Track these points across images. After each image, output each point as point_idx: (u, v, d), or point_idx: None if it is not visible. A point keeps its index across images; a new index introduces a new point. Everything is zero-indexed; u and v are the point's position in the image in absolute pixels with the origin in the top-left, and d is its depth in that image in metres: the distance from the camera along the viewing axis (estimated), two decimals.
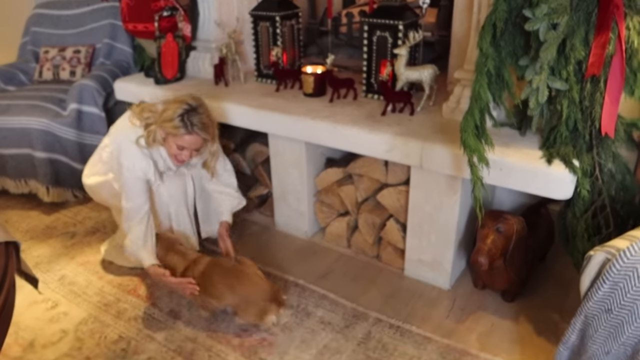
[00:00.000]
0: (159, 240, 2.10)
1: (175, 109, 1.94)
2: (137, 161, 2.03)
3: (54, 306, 2.12)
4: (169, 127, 1.95)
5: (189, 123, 1.94)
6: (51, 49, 3.33)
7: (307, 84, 2.42)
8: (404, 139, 1.96)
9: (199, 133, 1.97)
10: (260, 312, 1.90)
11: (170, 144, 2.01)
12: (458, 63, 2.25)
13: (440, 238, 2.08)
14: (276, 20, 2.49)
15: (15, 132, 2.76)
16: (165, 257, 2.06)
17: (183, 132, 1.95)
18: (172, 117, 1.94)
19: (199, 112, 1.97)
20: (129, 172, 2.03)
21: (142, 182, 2.07)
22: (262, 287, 1.92)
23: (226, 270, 1.98)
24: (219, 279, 1.95)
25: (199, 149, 2.05)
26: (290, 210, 2.54)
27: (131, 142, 2.02)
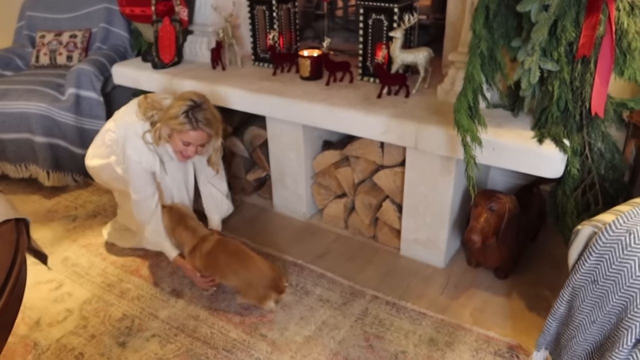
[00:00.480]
0: (169, 212, 2.13)
1: (180, 106, 1.98)
2: (143, 155, 2.08)
3: (58, 287, 2.17)
4: (174, 124, 1.98)
5: (194, 119, 1.97)
6: (47, 33, 3.34)
7: (304, 67, 2.45)
8: (399, 120, 2.00)
9: (204, 129, 2.00)
10: (260, 297, 1.96)
11: (175, 141, 2.04)
12: (452, 46, 2.28)
13: (435, 218, 2.14)
14: (272, 3, 2.51)
15: (14, 116, 2.79)
16: (174, 230, 2.10)
17: (188, 128, 1.98)
18: (177, 114, 1.97)
19: (204, 108, 2.00)
20: (135, 165, 2.08)
21: (148, 174, 2.11)
22: (264, 273, 1.97)
23: (232, 252, 2.01)
24: (225, 260, 1.99)
25: (204, 144, 2.08)
26: (288, 193, 2.59)
27: (138, 136, 2.06)
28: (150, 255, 2.34)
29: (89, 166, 2.31)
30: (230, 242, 2.10)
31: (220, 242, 2.06)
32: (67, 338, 1.90)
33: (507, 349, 1.79)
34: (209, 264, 2.01)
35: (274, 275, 1.99)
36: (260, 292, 1.96)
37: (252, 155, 2.71)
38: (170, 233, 2.10)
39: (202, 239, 2.06)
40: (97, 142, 2.30)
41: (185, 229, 2.09)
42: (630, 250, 1.22)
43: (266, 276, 1.97)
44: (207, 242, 2.05)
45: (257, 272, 1.97)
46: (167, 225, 2.12)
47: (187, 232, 2.09)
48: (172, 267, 2.25)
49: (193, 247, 2.05)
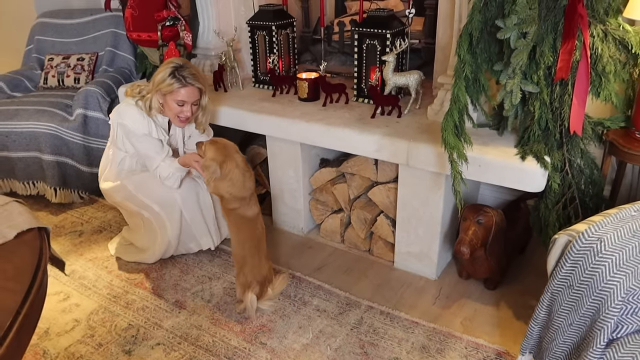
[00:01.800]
0: (215, 144, 2.05)
1: (164, 70, 2.15)
2: (137, 123, 2.21)
3: (65, 298, 2.26)
4: (164, 87, 2.13)
5: (181, 77, 2.13)
6: (55, 56, 3.48)
7: (302, 89, 2.58)
8: (392, 139, 2.12)
9: (194, 83, 2.16)
10: (245, 284, 2.07)
11: (169, 104, 2.18)
12: (442, 69, 2.42)
13: (427, 231, 2.24)
14: (272, 29, 2.65)
15: (24, 135, 2.91)
16: (223, 163, 1.99)
17: (178, 86, 2.13)
18: (164, 78, 2.13)
19: (187, 67, 2.17)
20: (135, 133, 2.20)
21: (151, 138, 2.24)
22: (261, 268, 2.08)
23: (256, 233, 2.09)
24: (249, 232, 2.07)
25: (197, 101, 2.23)
26: (287, 208, 2.70)
27: (129, 105, 2.22)
28: (155, 268, 2.44)
29: (102, 188, 2.44)
30: (262, 223, 2.14)
31: (259, 216, 2.10)
32: (75, 347, 1.99)
33: (495, 355, 1.89)
34: (237, 223, 2.07)
35: (267, 276, 2.11)
36: (248, 279, 2.07)
37: (253, 172, 2.82)
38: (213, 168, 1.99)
39: (249, 199, 2.06)
40: (103, 164, 2.43)
41: (236, 167, 2.01)
42: (601, 256, 1.33)
43: (261, 272, 2.09)
44: (250, 207, 2.06)
45: (257, 262, 2.08)
46: (214, 157, 2.00)
47: (239, 175, 2.02)
48: (175, 280, 2.35)
49: (239, 200, 2.03)
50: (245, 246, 2.06)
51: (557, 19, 1.79)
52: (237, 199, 2.02)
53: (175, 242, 2.42)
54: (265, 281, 2.13)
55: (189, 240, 2.47)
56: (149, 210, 2.34)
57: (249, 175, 2.06)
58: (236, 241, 2.11)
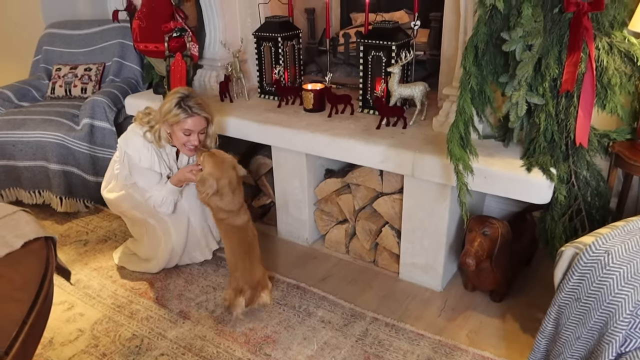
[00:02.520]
0: (212, 157, 2.07)
1: (170, 100, 2.17)
2: (142, 154, 2.23)
3: (69, 308, 2.26)
4: (171, 117, 2.15)
5: (186, 107, 2.15)
6: (63, 66, 3.51)
7: (308, 100, 2.59)
8: (397, 150, 2.12)
9: (200, 113, 2.17)
10: (236, 289, 2.08)
11: (177, 134, 2.20)
12: (447, 80, 2.43)
13: (432, 242, 2.24)
14: (278, 40, 2.67)
15: (31, 145, 2.93)
16: (219, 179, 2.01)
17: (184, 116, 2.14)
18: (170, 108, 2.15)
19: (193, 97, 2.19)
20: (136, 165, 2.23)
21: (151, 172, 2.26)
22: (253, 274, 2.09)
23: (247, 239, 2.10)
24: (240, 239, 2.09)
25: (204, 130, 2.24)
26: (292, 219, 2.70)
27: (137, 135, 2.24)
28: (159, 278, 2.44)
29: (107, 198, 2.45)
30: (253, 229, 2.15)
31: (249, 223, 2.11)
32: (79, 357, 1.98)
33: None
34: (226, 231, 2.09)
35: (260, 281, 2.12)
36: (239, 284, 2.08)
37: (258, 182, 2.83)
38: (210, 182, 2.01)
39: (237, 211, 2.07)
40: (108, 176, 2.45)
41: (228, 184, 2.03)
42: (609, 269, 1.32)
43: (252, 276, 2.10)
44: (240, 217, 2.07)
45: (249, 267, 2.09)
46: (211, 172, 2.02)
47: (229, 191, 2.04)
48: (179, 290, 2.35)
49: (227, 212, 2.05)
50: (236, 252, 2.09)
51: (563, 31, 1.80)
52: (224, 211, 2.05)
53: (180, 249, 2.42)
54: (258, 286, 2.13)
55: (193, 249, 2.47)
56: (156, 217, 2.35)
57: (238, 191, 2.09)
58: (227, 247, 2.15)
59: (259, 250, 2.16)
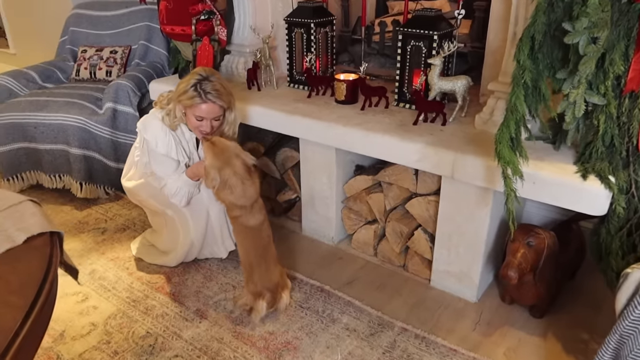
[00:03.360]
0: (212, 147, 1.90)
1: (188, 80, 2.02)
2: (159, 140, 2.10)
3: (84, 299, 2.17)
4: (185, 99, 2.01)
5: (202, 92, 1.99)
6: (89, 48, 3.43)
7: (340, 91, 2.43)
8: (435, 148, 1.96)
9: (214, 101, 2.01)
10: (256, 293, 1.96)
11: (189, 117, 2.07)
12: (492, 75, 2.24)
13: (469, 250, 2.07)
14: (311, 27, 2.51)
15: (52, 127, 2.85)
16: (221, 169, 1.86)
17: (198, 101, 2.00)
18: (186, 89, 2.00)
19: (212, 81, 2.02)
20: (152, 150, 2.10)
21: (168, 159, 2.12)
22: (271, 275, 1.97)
23: (261, 242, 1.97)
24: (255, 240, 1.96)
25: (218, 117, 2.09)
26: (318, 216, 2.56)
27: (156, 119, 2.11)
28: (177, 272, 2.33)
29: (126, 187, 2.34)
30: (268, 230, 2.01)
31: (264, 224, 1.97)
32: (90, 353, 1.89)
33: None
34: (240, 231, 1.96)
35: (278, 282, 1.99)
36: (257, 288, 1.96)
37: (284, 176, 2.69)
38: (212, 173, 1.86)
39: (251, 208, 1.92)
40: (128, 163, 2.34)
41: (233, 174, 1.86)
42: None
43: (271, 279, 1.97)
44: (253, 215, 1.92)
45: (265, 270, 1.96)
46: (212, 164, 1.87)
47: (238, 182, 1.86)
48: (197, 287, 2.24)
49: (240, 208, 1.91)
50: (251, 256, 1.96)
51: (631, 24, 1.59)
52: (237, 207, 1.90)
53: (199, 243, 2.31)
54: (277, 287, 2.02)
55: (213, 243, 2.36)
56: (173, 208, 2.23)
57: (249, 183, 1.90)
58: (241, 249, 2.02)
59: (274, 251, 2.03)
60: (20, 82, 3.22)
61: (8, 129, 2.89)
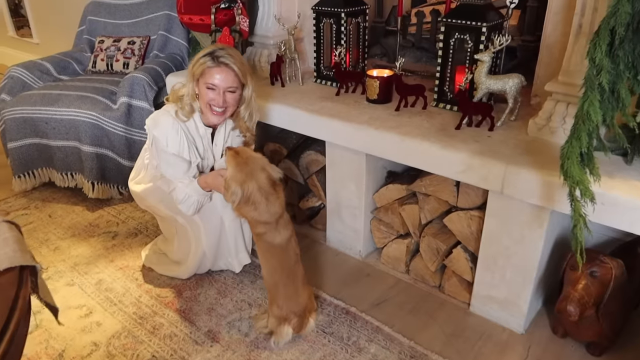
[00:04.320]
0: (235, 157, 1.69)
1: (202, 52, 1.85)
2: (170, 138, 1.88)
3: (88, 314, 1.99)
4: (197, 67, 1.83)
5: (215, 57, 1.81)
6: (106, 39, 3.25)
7: (372, 89, 2.18)
8: (483, 159, 1.69)
9: (228, 63, 1.81)
10: (281, 317, 1.75)
11: (201, 92, 1.87)
12: (548, 73, 1.97)
13: (518, 275, 1.80)
14: (341, 17, 2.26)
15: (64, 123, 2.68)
16: (243, 183, 1.64)
17: (210, 64, 1.80)
18: (198, 57, 1.83)
19: (227, 49, 1.85)
20: (162, 150, 1.89)
21: (179, 160, 1.90)
22: (299, 299, 1.75)
23: (288, 262, 1.74)
24: (282, 260, 1.73)
25: (233, 89, 1.86)
26: (344, 227, 2.32)
27: (167, 114, 1.90)
28: (189, 286, 2.13)
29: (134, 191, 2.14)
30: (295, 247, 1.78)
31: (290, 241, 1.74)
32: None
33: None
34: (265, 249, 1.74)
35: (306, 305, 1.77)
36: (283, 312, 1.74)
37: (307, 181, 2.46)
38: (232, 186, 1.64)
39: (275, 224, 1.69)
40: (138, 165, 2.14)
41: (258, 189, 1.64)
42: None
43: (299, 302, 1.75)
44: (279, 232, 1.70)
45: (292, 292, 1.74)
46: (234, 176, 1.65)
47: (262, 198, 1.65)
48: (210, 303, 2.03)
49: (265, 225, 1.70)
50: (276, 277, 1.73)
51: None
52: (260, 223, 1.67)
53: (212, 254, 2.10)
54: (305, 311, 1.79)
55: (228, 254, 2.15)
56: (184, 215, 2.02)
57: (274, 198, 1.67)
58: (265, 269, 1.79)
59: (303, 271, 1.80)
60: (34, 74, 3.06)
61: (19, 124, 2.74)
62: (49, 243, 2.44)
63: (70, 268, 2.26)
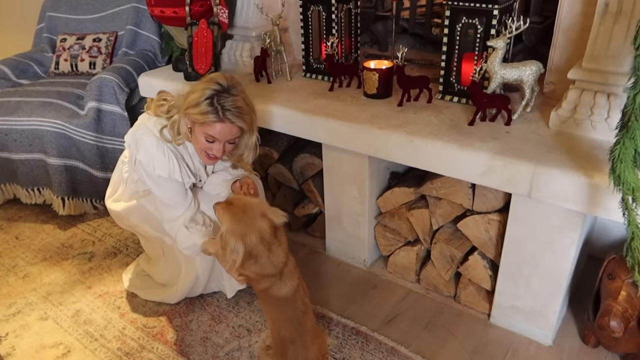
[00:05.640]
0: (227, 209, 1.43)
1: (202, 90, 1.53)
2: (155, 159, 1.61)
3: (65, 353, 1.76)
4: (195, 114, 1.53)
5: (219, 107, 1.51)
6: (69, 36, 2.96)
7: (370, 82, 1.97)
8: (506, 159, 1.51)
9: (233, 120, 1.54)
10: None
11: (197, 136, 1.59)
12: (564, 58, 1.80)
13: (545, 284, 1.63)
14: (332, 3, 2.04)
15: (25, 134, 2.41)
16: (243, 236, 1.37)
17: (213, 118, 1.52)
18: (198, 101, 1.52)
19: (233, 94, 1.54)
20: (150, 175, 1.64)
21: (174, 184, 1.66)
22: (307, 354, 1.50)
23: (295, 314, 1.48)
24: (282, 316, 1.49)
25: (234, 141, 1.63)
26: (346, 234, 2.12)
27: (149, 134, 1.62)
28: (178, 312, 1.91)
29: (112, 210, 1.90)
30: (304, 296, 1.51)
31: (298, 290, 1.48)
32: None
33: None
34: (268, 304, 1.50)
35: (316, 357, 1.53)
36: None
37: (303, 187, 2.25)
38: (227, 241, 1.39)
39: (280, 274, 1.43)
40: (115, 179, 1.89)
41: (260, 241, 1.38)
42: None
43: (308, 358, 1.50)
44: (284, 283, 1.45)
45: (301, 349, 1.50)
46: (231, 229, 1.39)
47: (264, 250, 1.39)
48: (204, 331, 1.82)
49: (269, 278, 1.44)
50: (282, 330, 1.47)
51: None
52: (264, 277, 1.42)
53: (205, 277, 1.89)
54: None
55: (220, 277, 1.93)
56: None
57: (276, 246, 1.41)
58: (270, 323, 1.54)
59: (313, 320, 1.55)
60: None
61: None
62: (17, 270, 2.19)
63: (42, 299, 2.01)
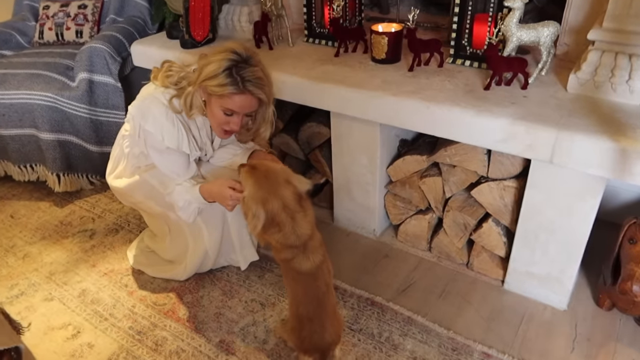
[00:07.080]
0: (252, 173, 1.38)
1: (220, 61, 1.46)
2: (164, 129, 1.56)
3: (75, 334, 1.71)
4: (213, 86, 1.47)
5: (239, 78, 1.45)
6: (52, 3, 2.80)
7: (379, 47, 1.90)
8: (527, 124, 1.46)
9: (254, 92, 1.49)
10: (299, 348, 1.50)
11: (213, 110, 1.54)
12: (580, 18, 1.74)
13: (563, 250, 1.62)
14: None
15: (15, 108, 2.29)
16: (265, 202, 1.32)
17: (232, 90, 1.46)
18: (216, 72, 1.45)
19: (252, 64, 1.48)
20: (156, 146, 1.58)
21: (179, 155, 1.61)
22: (324, 334, 1.46)
23: (316, 293, 1.43)
24: (302, 291, 1.45)
25: (251, 113, 1.57)
26: (355, 204, 2.08)
27: (158, 103, 1.56)
28: (188, 288, 1.88)
29: (114, 187, 1.83)
30: (327, 275, 1.46)
31: (322, 268, 1.42)
32: None
33: None
34: (290, 276, 1.46)
35: (332, 342, 1.49)
36: (304, 345, 1.47)
37: (309, 157, 2.19)
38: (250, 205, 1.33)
39: (304, 247, 1.37)
40: (116, 155, 1.81)
41: (282, 208, 1.33)
42: None
43: (324, 338, 1.46)
44: (307, 257, 1.38)
45: (318, 328, 1.45)
46: (254, 195, 1.34)
47: (287, 218, 1.33)
48: (216, 307, 1.79)
49: (292, 249, 1.38)
50: (301, 308, 1.44)
51: None
52: (286, 246, 1.37)
53: (214, 253, 1.84)
54: (330, 348, 1.50)
55: (231, 250, 1.89)
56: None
57: (301, 216, 1.35)
58: (290, 297, 1.50)
59: (334, 300, 1.50)
60: None
61: None
62: (15, 250, 2.12)
63: (45, 279, 1.95)
